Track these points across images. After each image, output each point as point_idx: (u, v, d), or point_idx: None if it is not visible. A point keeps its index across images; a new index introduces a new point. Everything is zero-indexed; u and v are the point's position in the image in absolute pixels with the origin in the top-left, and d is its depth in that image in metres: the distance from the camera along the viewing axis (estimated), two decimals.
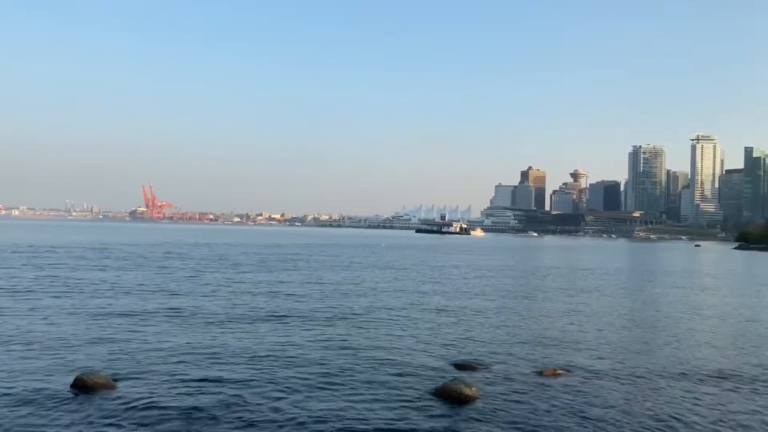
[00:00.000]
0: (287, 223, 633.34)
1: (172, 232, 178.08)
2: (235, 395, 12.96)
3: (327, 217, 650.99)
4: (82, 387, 13.00)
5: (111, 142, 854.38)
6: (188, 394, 12.92)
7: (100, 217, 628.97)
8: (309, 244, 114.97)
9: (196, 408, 12.08)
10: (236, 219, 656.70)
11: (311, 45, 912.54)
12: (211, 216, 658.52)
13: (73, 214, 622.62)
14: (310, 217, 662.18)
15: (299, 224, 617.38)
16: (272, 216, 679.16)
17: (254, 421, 11.52)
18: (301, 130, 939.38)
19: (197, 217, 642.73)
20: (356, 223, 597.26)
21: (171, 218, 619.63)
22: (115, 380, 13.71)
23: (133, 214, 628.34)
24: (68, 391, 12.89)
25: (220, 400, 12.60)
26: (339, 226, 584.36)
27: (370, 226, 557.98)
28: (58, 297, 27.73)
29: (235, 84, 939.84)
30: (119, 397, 12.65)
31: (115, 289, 31.42)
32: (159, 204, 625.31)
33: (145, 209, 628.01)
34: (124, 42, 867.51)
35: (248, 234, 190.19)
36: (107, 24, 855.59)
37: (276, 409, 12.18)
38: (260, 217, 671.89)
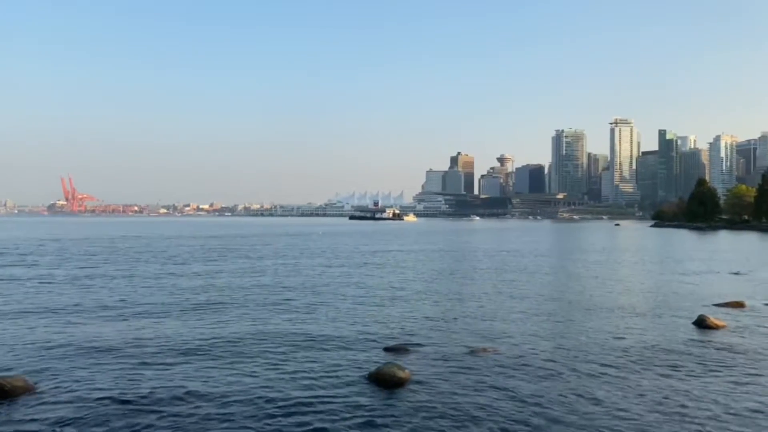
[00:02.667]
0: (217, 214, 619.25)
1: (94, 226, 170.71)
2: (161, 389, 12.58)
3: (258, 206, 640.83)
4: None
5: (24, 132, 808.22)
6: (113, 390, 12.44)
7: (15, 211, 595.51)
8: (242, 234, 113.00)
9: (123, 402, 11.66)
10: (163, 210, 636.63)
11: (225, 28, 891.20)
12: (136, 208, 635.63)
13: None
14: (240, 207, 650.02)
15: (229, 214, 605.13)
16: (200, 207, 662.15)
17: (173, 416, 11.22)
18: (228, 117, 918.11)
19: (121, 209, 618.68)
20: (288, 211, 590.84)
21: (93, 211, 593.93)
22: (35, 382, 13.03)
23: (52, 208, 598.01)
24: None
25: (147, 396, 12.20)
26: (271, 214, 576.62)
27: (303, 215, 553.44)
28: None
29: (156, 68, 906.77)
30: (39, 400, 12.03)
31: (30, 286, 29.85)
32: (79, 197, 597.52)
33: (64, 202, 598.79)
34: (34, 25, 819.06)
35: (177, 226, 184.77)
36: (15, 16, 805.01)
37: (202, 401, 11.90)
38: (188, 208, 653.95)
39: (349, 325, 19.90)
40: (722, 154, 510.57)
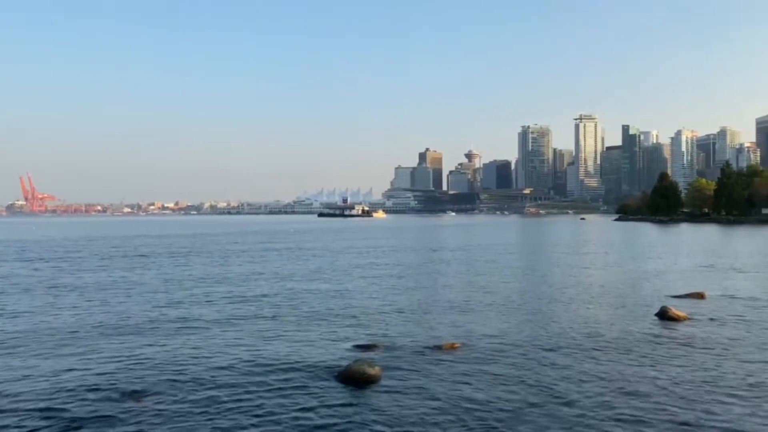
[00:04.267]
0: (182, 212, 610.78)
1: (54, 227, 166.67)
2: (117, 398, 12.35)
3: (225, 204, 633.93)
4: None
5: None
6: (45, 401, 12.15)
7: None
8: (206, 233, 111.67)
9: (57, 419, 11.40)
10: (127, 210, 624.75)
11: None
12: (99, 207, 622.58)
13: None
14: (206, 205, 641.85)
15: (195, 213, 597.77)
16: (165, 205, 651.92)
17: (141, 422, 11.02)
18: (192, 114, 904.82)
19: (83, 209, 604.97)
20: (256, 209, 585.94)
21: (54, 211, 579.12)
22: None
23: (11, 208, 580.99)
24: None
25: (103, 409, 11.94)
26: (238, 213, 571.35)
27: (270, 212, 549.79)
28: None
29: (121, 65, 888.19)
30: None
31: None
32: (40, 196, 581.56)
33: (24, 202, 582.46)
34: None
35: (143, 225, 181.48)
36: None
37: (157, 400, 11.73)
38: (152, 207, 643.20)
39: (318, 323, 19.81)
40: (683, 148, 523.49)
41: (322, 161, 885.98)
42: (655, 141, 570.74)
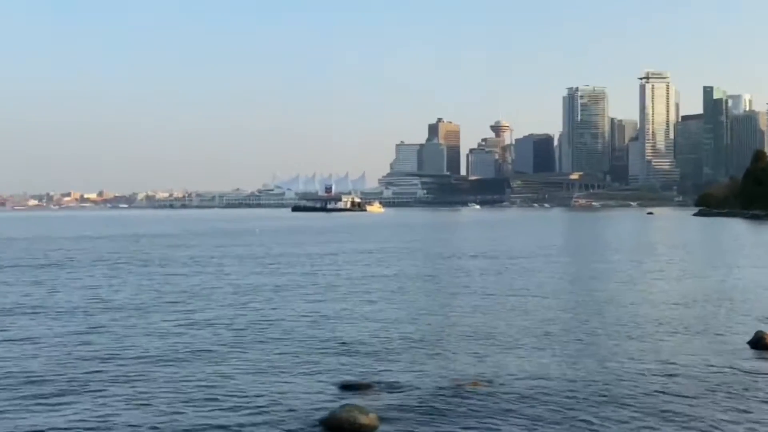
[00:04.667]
0: (109, 205, 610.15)
1: None
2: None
3: (166, 195, 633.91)
4: None
5: None
6: None
7: None
8: (140, 234, 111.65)
9: None
10: (33, 202, 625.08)
11: None
12: None
13: None
14: (141, 196, 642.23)
15: (126, 206, 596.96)
16: (86, 196, 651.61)
17: None
18: (119, 75, 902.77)
19: None
20: (208, 201, 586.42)
21: None
22: None
23: None
24: None
25: None
26: (184, 206, 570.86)
27: (228, 205, 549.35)
28: None
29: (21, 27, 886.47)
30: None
31: None
32: None
33: None
34: None
35: (54, 222, 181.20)
36: None
37: None
38: (68, 198, 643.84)
39: (293, 355, 19.86)
40: None
41: (298, 137, 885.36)
42: (747, 108, 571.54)
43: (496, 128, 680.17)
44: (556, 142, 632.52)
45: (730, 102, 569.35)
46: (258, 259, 56.52)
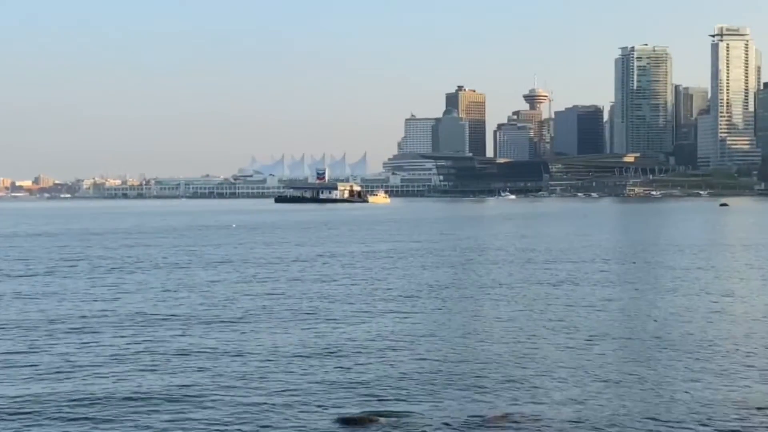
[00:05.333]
0: (46, 195, 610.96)
1: None
2: None
3: (118, 182, 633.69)
4: None
5: None
6: None
7: None
8: (84, 231, 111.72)
9: None
10: None
11: None
12: None
13: None
14: (87, 183, 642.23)
15: (68, 195, 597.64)
16: (18, 184, 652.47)
17: None
18: (66, 40, 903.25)
19: None
20: (172, 189, 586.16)
21: None
22: None
23: None
24: None
25: None
26: (140, 195, 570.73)
27: (196, 195, 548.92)
28: None
29: None
30: None
31: None
32: None
33: None
34: None
35: None
36: None
37: None
38: None
39: (279, 380, 20.09)
40: None
41: (283, 111, 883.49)
42: None
43: (531, 98, 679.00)
44: (606, 116, 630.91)
45: None
46: (233, 264, 56.34)
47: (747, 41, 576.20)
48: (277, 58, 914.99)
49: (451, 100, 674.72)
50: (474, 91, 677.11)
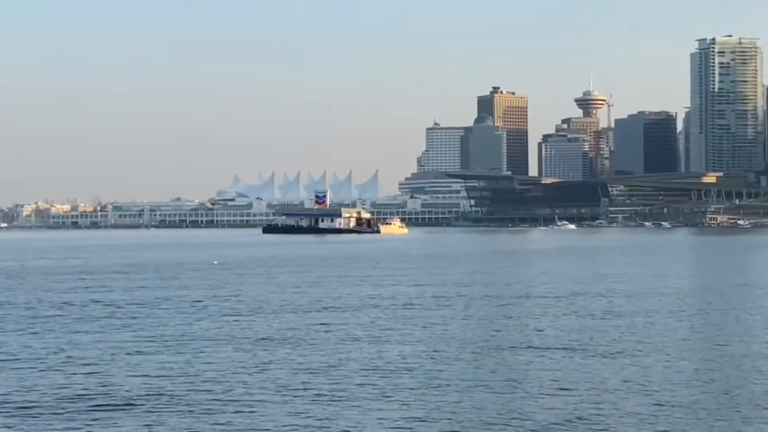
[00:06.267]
0: None
1: None
2: None
3: (67, 208, 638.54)
4: None
5: None
6: None
7: None
8: (21, 269, 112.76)
9: None
10: None
11: None
12: None
13: None
14: (28, 209, 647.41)
15: (4, 225, 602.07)
16: None
17: None
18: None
19: None
20: (133, 216, 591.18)
21: None
22: None
23: None
24: None
25: None
26: (96, 224, 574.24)
27: (164, 223, 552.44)
28: None
29: None
30: None
31: None
32: None
33: None
34: None
35: None
36: None
37: None
38: None
39: None
40: None
41: (274, 118, 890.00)
42: None
43: (585, 103, 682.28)
44: (680, 125, 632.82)
45: None
46: (214, 316, 55.87)
47: None
48: (267, 49, 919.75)
49: (485, 104, 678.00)
50: (513, 93, 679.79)
